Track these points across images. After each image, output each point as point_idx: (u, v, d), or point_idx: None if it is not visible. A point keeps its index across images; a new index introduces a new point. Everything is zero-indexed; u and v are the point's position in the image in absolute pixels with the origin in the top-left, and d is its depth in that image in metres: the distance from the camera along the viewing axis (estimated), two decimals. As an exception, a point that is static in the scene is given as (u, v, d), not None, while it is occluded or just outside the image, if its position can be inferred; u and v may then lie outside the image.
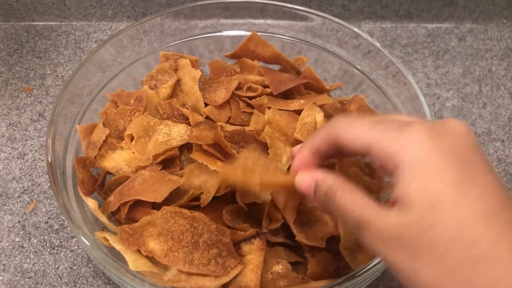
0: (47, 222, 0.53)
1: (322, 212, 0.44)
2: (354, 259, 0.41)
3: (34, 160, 0.58)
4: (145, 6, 0.73)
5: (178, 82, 0.54)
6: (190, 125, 0.49)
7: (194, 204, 0.44)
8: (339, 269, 0.44)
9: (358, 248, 0.41)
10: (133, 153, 0.47)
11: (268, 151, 0.44)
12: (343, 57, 0.58)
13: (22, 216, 0.53)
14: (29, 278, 0.49)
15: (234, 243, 0.41)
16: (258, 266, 0.40)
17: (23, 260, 0.50)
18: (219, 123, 0.48)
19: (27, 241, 0.51)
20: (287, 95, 0.53)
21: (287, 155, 0.46)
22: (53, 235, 0.52)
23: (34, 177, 0.56)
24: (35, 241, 0.51)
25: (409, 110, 0.50)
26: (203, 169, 0.45)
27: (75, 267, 0.50)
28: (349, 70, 0.58)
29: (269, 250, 0.43)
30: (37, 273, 0.49)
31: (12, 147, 0.59)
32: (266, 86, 0.52)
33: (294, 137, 0.48)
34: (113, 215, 0.45)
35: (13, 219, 0.53)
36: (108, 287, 0.49)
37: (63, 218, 0.53)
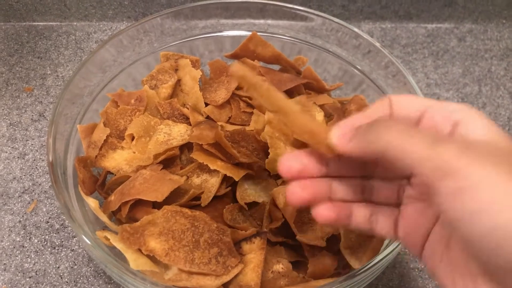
0: (48, 222, 0.53)
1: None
2: (354, 258, 0.41)
3: (34, 160, 0.58)
4: (145, 7, 0.73)
5: (179, 82, 0.54)
6: (190, 125, 0.49)
7: (194, 204, 0.44)
8: (339, 268, 0.44)
9: (359, 247, 0.41)
10: (134, 152, 0.47)
11: (269, 150, 0.44)
12: (343, 57, 0.58)
13: (22, 216, 0.53)
14: (30, 277, 0.49)
15: (234, 242, 0.41)
16: (258, 265, 0.40)
17: (24, 260, 0.50)
18: (219, 123, 0.49)
19: (28, 240, 0.51)
20: (287, 95, 0.53)
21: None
22: (54, 234, 0.52)
23: (35, 177, 0.56)
24: (36, 240, 0.51)
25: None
26: (203, 168, 0.45)
27: (75, 267, 0.50)
28: (349, 70, 0.58)
29: (269, 249, 0.43)
30: (38, 273, 0.49)
31: (12, 147, 0.59)
32: (266, 86, 0.53)
33: (294, 137, 0.48)
34: (113, 215, 0.45)
35: (13, 219, 0.53)
36: (109, 286, 0.49)
37: (64, 217, 0.53)
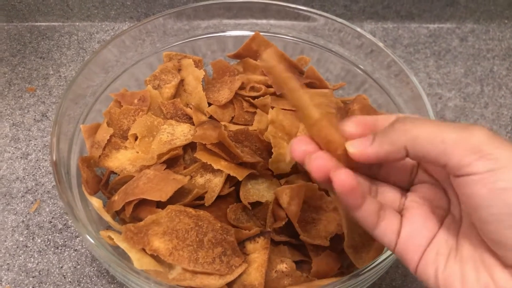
0: (51, 222, 0.53)
1: (327, 210, 0.44)
2: (358, 258, 0.41)
3: (37, 160, 0.58)
4: (148, 7, 0.73)
5: (182, 82, 0.54)
6: (193, 124, 0.49)
7: (198, 203, 0.44)
8: (343, 267, 0.44)
9: (362, 247, 0.41)
10: (137, 152, 0.47)
11: (272, 150, 0.44)
12: (345, 56, 0.58)
13: (26, 216, 0.53)
14: (33, 277, 0.49)
15: (238, 242, 0.41)
16: (262, 265, 0.40)
17: (27, 260, 0.50)
18: (222, 123, 0.49)
19: (31, 240, 0.51)
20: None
21: (290, 154, 0.46)
22: (57, 234, 0.52)
23: (38, 177, 0.57)
24: (39, 240, 0.51)
25: (412, 110, 0.50)
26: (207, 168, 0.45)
27: (79, 267, 0.50)
28: (351, 69, 0.58)
29: (273, 249, 0.43)
30: (41, 273, 0.49)
31: (15, 147, 0.59)
32: (269, 86, 0.53)
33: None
34: (117, 214, 0.45)
35: (17, 219, 0.53)
36: (112, 286, 0.49)
37: (67, 217, 0.53)
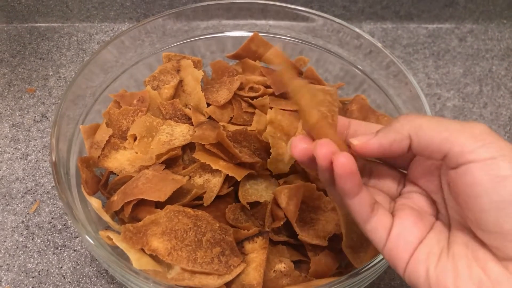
0: (51, 222, 0.53)
1: (325, 210, 0.44)
2: (356, 258, 0.41)
3: (37, 161, 0.58)
4: (147, 8, 0.74)
5: (181, 82, 0.54)
6: (192, 125, 0.49)
7: (197, 203, 0.44)
8: (341, 267, 0.44)
9: (361, 247, 0.41)
10: (136, 153, 0.48)
11: (270, 150, 0.45)
12: (344, 57, 0.58)
13: (25, 216, 0.53)
14: (32, 277, 0.49)
15: (237, 242, 0.41)
16: (261, 265, 0.40)
17: (27, 260, 0.50)
18: (221, 123, 0.49)
19: (31, 241, 0.52)
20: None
21: (289, 154, 0.46)
22: (57, 235, 0.52)
23: (37, 178, 0.57)
24: (39, 241, 0.52)
25: (411, 110, 0.50)
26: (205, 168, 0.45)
27: (78, 267, 0.50)
28: (350, 70, 0.58)
29: (271, 249, 0.43)
30: (40, 273, 0.49)
31: (15, 148, 0.59)
32: (268, 86, 0.53)
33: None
34: (116, 215, 0.45)
35: (16, 219, 0.53)
36: (112, 286, 0.49)
37: (66, 218, 0.53)
